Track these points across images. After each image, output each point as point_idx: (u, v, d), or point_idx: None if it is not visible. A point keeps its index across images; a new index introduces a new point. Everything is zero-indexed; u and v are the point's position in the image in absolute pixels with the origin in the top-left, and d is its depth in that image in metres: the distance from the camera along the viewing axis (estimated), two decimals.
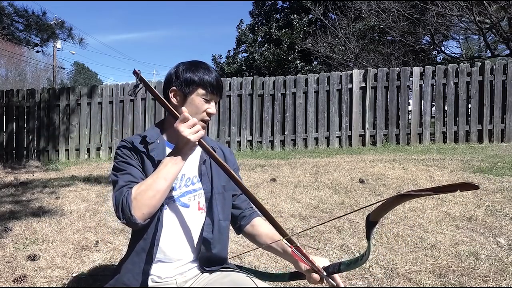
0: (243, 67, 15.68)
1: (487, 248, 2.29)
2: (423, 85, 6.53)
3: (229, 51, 17.47)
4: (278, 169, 4.63)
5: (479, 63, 6.56)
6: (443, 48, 12.53)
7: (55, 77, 32.60)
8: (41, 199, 3.78)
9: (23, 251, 2.50)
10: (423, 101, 6.58)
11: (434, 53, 13.21)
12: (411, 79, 6.56)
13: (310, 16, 14.11)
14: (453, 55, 12.43)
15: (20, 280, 2.10)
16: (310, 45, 12.82)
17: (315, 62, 15.04)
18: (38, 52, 7.47)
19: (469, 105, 6.48)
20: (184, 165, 1.20)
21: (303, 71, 13.29)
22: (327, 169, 4.44)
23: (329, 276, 1.17)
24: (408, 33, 11.38)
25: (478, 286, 1.92)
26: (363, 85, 6.65)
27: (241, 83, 6.96)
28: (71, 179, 4.74)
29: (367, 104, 6.62)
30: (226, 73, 15.28)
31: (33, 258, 2.35)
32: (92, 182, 4.46)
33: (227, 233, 1.37)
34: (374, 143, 6.61)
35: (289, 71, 13.92)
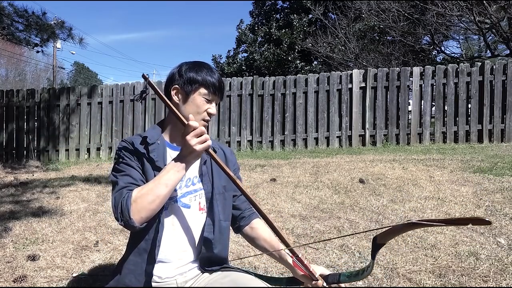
0: (243, 67, 15.69)
1: (487, 248, 2.29)
2: (423, 85, 6.53)
3: (229, 51, 17.51)
4: (278, 169, 4.63)
5: (479, 63, 6.56)
6: (443, 48, 12.55)
7: (55, 77, 32.60)
8: (41, 199, 3.77)
9: (23, 251, 2.50)
10: (423, 101, 6.58)
11: (434, 53, 13.23)
12: (411, 79, 6.56)
13: (310, 16, 14.11)
14: (453, 55, 12.45)
15: (20, 280, 2.10)
16: (310, 45, 12.82)
17: (315, 62, 15.05)
18: (38, 52, 7.47)
19: (469, 105, 6.48)
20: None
21: (303, 71, 13.29)
22: (327, 169, 4.44)
23: (328, 286, 1.21)
24: (408, 33, 11.39)
25: (478, 286, 1.92)
26: (363, 85, 6.65)
27: (241, 83, 6.96)
28: (71, 179, 4.74)
29: (367, 104, 6.62)
30: (226, 73, 15.28)
31: (33, 258, 2.35)
32: (92, 182, 4.46)
33: (227, 233, 1.37)
34: (374, 143, 6.61)
35: (289, 71, 13.92)
